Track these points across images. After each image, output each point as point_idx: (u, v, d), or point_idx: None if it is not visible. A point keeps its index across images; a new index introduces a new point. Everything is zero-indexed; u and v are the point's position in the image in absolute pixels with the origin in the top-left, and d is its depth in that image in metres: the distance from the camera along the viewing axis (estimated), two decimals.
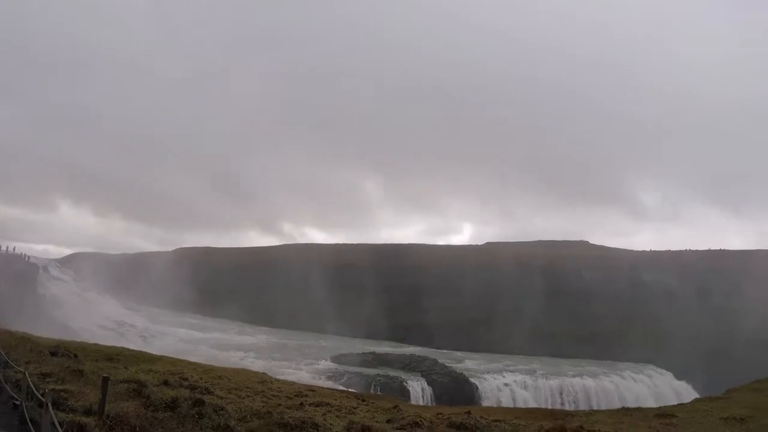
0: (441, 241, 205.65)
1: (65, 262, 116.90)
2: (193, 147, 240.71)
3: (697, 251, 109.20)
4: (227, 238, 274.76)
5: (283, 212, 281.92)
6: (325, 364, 62.86)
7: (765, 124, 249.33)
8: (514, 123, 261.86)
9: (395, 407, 23.00)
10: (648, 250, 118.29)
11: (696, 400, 34.32)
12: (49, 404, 9.98)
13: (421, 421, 17.57)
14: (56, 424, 9.81)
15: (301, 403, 20.46)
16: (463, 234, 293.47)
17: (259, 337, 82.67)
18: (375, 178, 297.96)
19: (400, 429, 16.45)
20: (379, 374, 58.75)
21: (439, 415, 19.87)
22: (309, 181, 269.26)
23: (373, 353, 69.85)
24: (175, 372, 23.82)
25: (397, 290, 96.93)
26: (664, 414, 25.15)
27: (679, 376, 74.66)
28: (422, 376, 60.13)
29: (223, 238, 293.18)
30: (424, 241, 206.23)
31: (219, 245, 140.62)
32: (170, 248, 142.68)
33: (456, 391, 58.02)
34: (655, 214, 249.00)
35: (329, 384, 48.40)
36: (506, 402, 57.70)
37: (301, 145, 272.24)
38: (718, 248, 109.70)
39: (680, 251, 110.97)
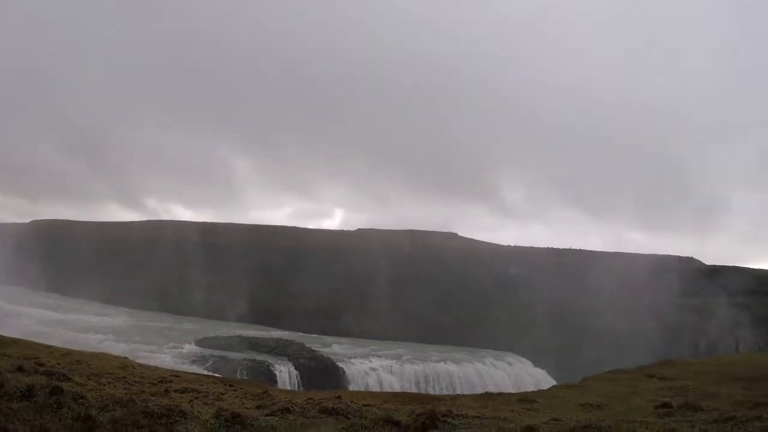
0: (312, 225, 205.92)
1: None
2: (51, 111, 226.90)
3: (558, 249, 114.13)
4: (86, 211, 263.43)
5: (147, 186, 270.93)
6: (190, 348, 61.62)
7: (630, 132, 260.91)
8: (389, 112, 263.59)
9: (264, 392, 22.75)
10: (512, 245, 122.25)
11: (554, 387, 35.73)
12: None
13: (292, 406, 17.36)
14: None
15: (166, 390, 19.89)
16: (335, 219, 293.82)
17: (120, 318, 79.83)
18: (246, 156, 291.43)
19: (271, 415, 16.20)
20: (245, 358, 58.12)
21: (310, 400, 19.73)
22: (176, 156, 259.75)
23: (240, 337, 69.13)
24: (31, 356, 22.74)
25: (266, 273, 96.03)
26: (525, 399, 26.06)
27: (536, 364, 77.97)
28: (289, 360, 59.96)
29: (81, 210, 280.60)
30: (295, 224, 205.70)
31: (78, 218, 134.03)
32: (25, 220, 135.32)
33: (323, 375, 58.22)
34: (519, 212, 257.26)
35: (194, 369, 47.55)
36: (373, 386, 58.35)
37: (169, 117, 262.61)
38: (578, 248, 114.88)
39: (543, 248, 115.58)
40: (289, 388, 51.38)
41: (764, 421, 12.47)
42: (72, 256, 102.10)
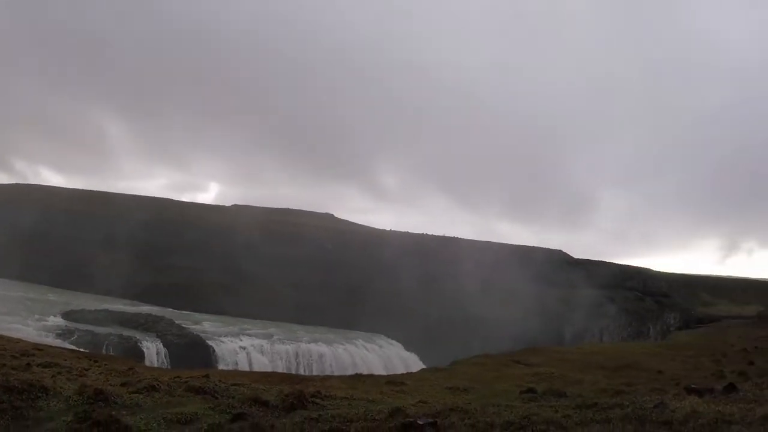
0: (186, 198, 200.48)
1: None
2: None
3: (432, 235, 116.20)
4: None
5: (14, 147, 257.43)
6: (55, 321, 59.43)
7: (504, 128, 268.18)
8: (269, 89, 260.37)
9: (130, 369, 22.35)
10: (388, 229, 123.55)
11: (423, 370, 36.62)
12: None
13: (158, 384, 17.12)
14: None
15: (28, 364, 19.28)
16: (210, 193, 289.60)
17: None
18: (120, 123, 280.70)
19: (137, 392, 15.95)
20: (112, 333, 56.46)
21: (177, 378, 19.53)
22: (45, 116, 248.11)
23: (108, 311, 67.13)
24: None
25: (137, 245, 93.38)
26: (394, 381, 26.58)
27: (407, 348, 79.44)
28: (158, 337, 58.72)
29: None
30: (169, 196, 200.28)
31: None
32: None
33: (193, 353, 57.31)
34: (394, 197, 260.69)
35: (58, 342, 45.90)
36: (243, 366, 57.93)
37: (39, 76, 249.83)
38: (451, 235, 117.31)
39: (417, 234, 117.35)
40: (156, 365, 50.36)
41: (625, 408, 13.06)
42: None
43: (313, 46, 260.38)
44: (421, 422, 12.00)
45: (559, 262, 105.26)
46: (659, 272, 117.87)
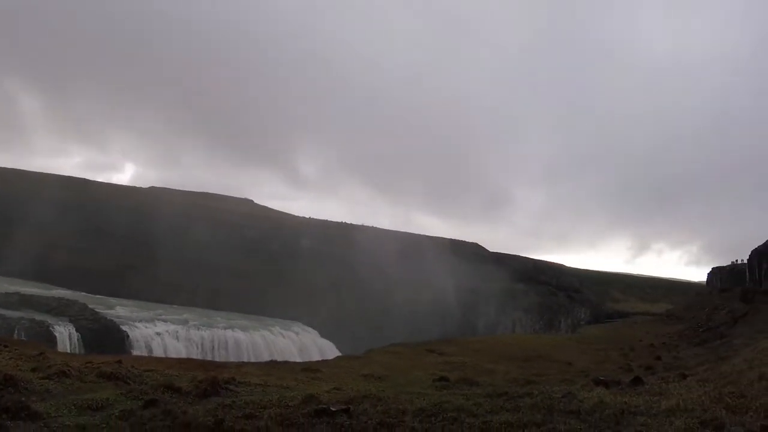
0: (102, 178, 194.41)
1: None
2: None
3: (350, 224, 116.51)
4: None
5: None
6: None
7: (426, 122, 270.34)
8: (188, 69, 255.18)
9: (41, 354, 21.96)
10: (306, 216, 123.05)
11: (339, 358, 36.87)
12: None
13: (69, 369, 16.96)
14: None
15: None
16: (126, 174, 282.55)
17: None
18: (33, 96, 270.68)
19: (47, 378, 15.77)
20: (23, 317, 54.98)
21: (89, 364, 19.33)
22: None
23: (18, 294, 65.28)
24: None
25: (50, 227, 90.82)
26: (309, 368, 26.78)
27: (323, 335, 79.67)
28: (70, 321, 57.44)
29: None
30: (84, 175, 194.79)
31: None
32: None
33: (106, 338, 56.35)
34: (313, 185, 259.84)
35: None
36: (158, 352, 57.23)
37: None
38: (370, 225, 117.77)
39: (335, 222, 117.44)
40: (69, 350, 49.32)
41: (534, 397, 13.49)
42: None
43: (236, 31, 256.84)
44: (334, 408, 12.22)
45: (474, 255, 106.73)
46: (572, 268, 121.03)
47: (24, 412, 11.85)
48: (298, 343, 73.27)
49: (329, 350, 71.37)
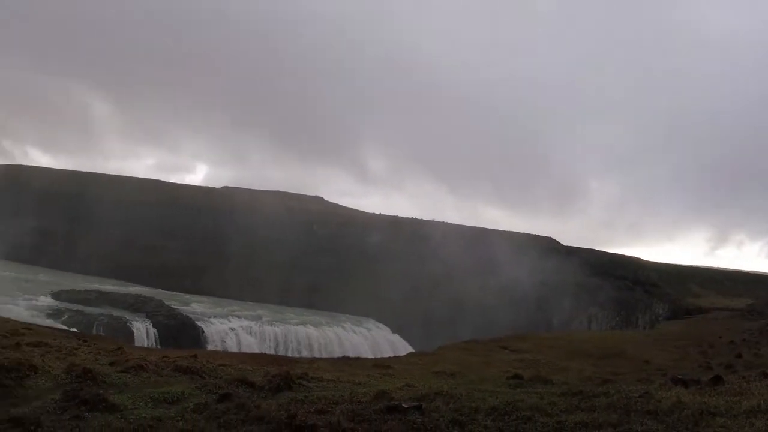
0: (175, 179, 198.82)
1: None
2: None
3: (422, 220, 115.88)
4: None
5: (0, 127, 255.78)
6: (45, 301, 59.56)
7: (492, 112, 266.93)
8: (256, 69, 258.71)
9: (119, 349, 22.38)
10: (378, 213, 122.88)
11: (410, 354, 36.71)
12: None
13: (146, 363, 17.22)
14: None
15: (17, 343, 19.31)
16: (198, 174, 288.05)
17: None
18: (107, 102, 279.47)
19: (124, 372, 16.05)
20: (102, 314, 56.65)
21: (165, 358, 19.60)
22: (33, 96, 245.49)
23: (98, 291, 67.20)
24: None
25: (127, 227, 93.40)
26: (381, 365, 26.69)
27: (395, 332, 79.63)
28: (147, 317, 58.90)
29: None
30: (158, 176, 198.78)
31: None
32: None
33: (182, 334, 57.57)
34: (381, 181, 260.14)
35: (49, 322, 45.89)
36: (232, 347, 58.19)
37: (24, 55, 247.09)
38: (440, 220, 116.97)
39: (406, 218, 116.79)
40: (146, 345, 50.51)
41: (610, 396, 13.10)
42: None
43: (301, 31, 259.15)
44: (406, 405, 12.10)
45: (548, 248, 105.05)
46: (649, 262, 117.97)
47: (102, 405, 12.09)
48: (370, 339, 73.47)
49: (401, 346, 71.40)
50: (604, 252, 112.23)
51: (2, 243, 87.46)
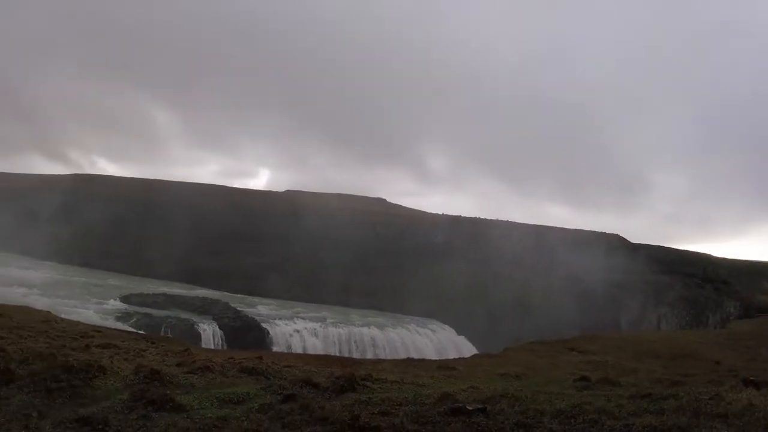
0: (238, 184, 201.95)
1: None
2: None
3: (485, 219, 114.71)
4: (9, 163, 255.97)
5: (70, 139, 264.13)
6: (114, 304, 60.81)
7: (553, 106, 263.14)
8: (311, 72, 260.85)
9: (186, 350, 22.74)
10: (441, 213, 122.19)
11: (475, 356, 36.42)
12: None
13: (212, 364, 17.46)
14: None
15: (87, 345, 19.74)
16: (260, 179, 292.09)
17: (44, 272, 78.15)
18: (168, 111, 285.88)
19: (191, 373, 16.29)
20: (169, 316, 57.66)
21: (231, 359, 19.84)
22: (97, 107, 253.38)
23: (165, 294, 68.43)
24: None
25: (193, 231, 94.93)
26: (445, 366, 26.54)
27: (460, 333, 79.08)
28: (214, 319, 59.70)
29: (2, 161, 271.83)
30: (221, 182, 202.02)
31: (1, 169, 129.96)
32: None
33: (247, 335, 58.22)
34: (442, 180, 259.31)
35: (118, 325, 46.84)
36: (296, 348, 58.61)
37: (88, 66, 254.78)
38: (504, 219, 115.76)
39: (469, 217, 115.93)
40: (213, 347, 51.20)
41: (680, 399, 12.79)
42: None
43: (358, 32, 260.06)
44: (470, 407, 11.99)
45: (615, 246, 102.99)
46: (719, 258, 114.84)
47: (168, 405, 12.31)
48: (435, 340, 73.17)
49: (465, 348, 70.91)
50: (673, 248, 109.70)
51: (74, 250, 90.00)
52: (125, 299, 63.59)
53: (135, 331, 41.34)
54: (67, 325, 26.38)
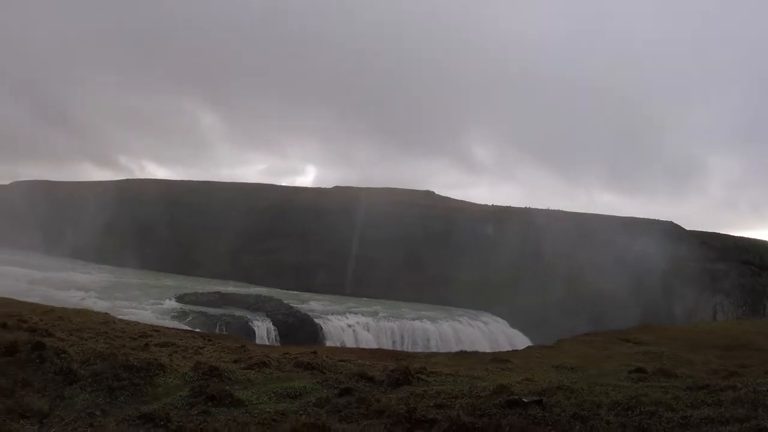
0: (285, 182, 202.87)
1: None
2: (20, 77, 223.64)
3: (535, 209, 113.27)
4: (62, 171, 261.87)
5: (118, 145, 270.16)
6: (170, 304, 61.88)
7: (602, 90, 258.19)
8: (353, 67, 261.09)
9: (242, 347, 23.03)
10: (489, 204, 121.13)
11: (529, 348, 36.14)
12: None
13: (268, 360, 17.73)
14: None
15: (146, 344, 20.13)
16: (308, 176, 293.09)
17: (101, 275, 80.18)
18: (214, 113, 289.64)
19: (248, 368, 16.57)
20: (224, 314, 58.46)
21: (286, 355, 20.07)
22: (143, 113, 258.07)
23: (219, 293, 69.32)
24: (14, 314, 22.84)
25: (244, 231, 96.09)
26: (499, 359, 26.40)
27: (513, 325, 78.49)
28: (267, 316, 60.31)
29: (56, 171, 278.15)
30: (269, 181, 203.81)
31: (55, 179, 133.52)
32: (5, 182, 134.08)
33: (301, 331, 58.65)
34: (489, 170, 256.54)
35: (174, 324, 47.54)
36: (349, 343, 58.86)
37: (132, 74, 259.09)
38: (554, 208, 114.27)
39: (519, 208, 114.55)
40: (267, 343, 51.77)
41: (738, 390, 12.64)
42: (52, 215, 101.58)
43: (398, 24, 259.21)
44: (526, 400, 12.00)
45: (669, 233, 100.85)
46: None
47: (228, 400, 12.60)
48: (487, 333, 72.80)
49: (518, 340, 70.39)
50: (728, 235, 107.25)
51: (130, 253, 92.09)
52: (180, 299, 64.63)
53: (191, 329, 42.00)
54: (125, 325, 26.89)
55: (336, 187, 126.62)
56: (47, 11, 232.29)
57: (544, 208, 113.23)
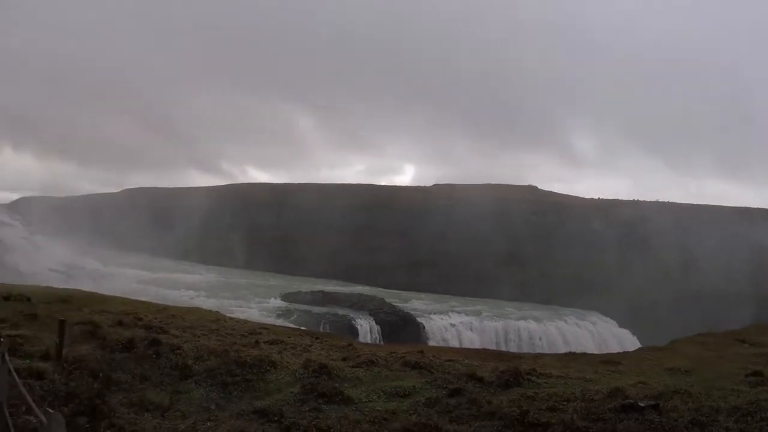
0: (384, 182, 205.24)
1: (12, 207, 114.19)
2: (121, 86, 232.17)
3: (644, 202, 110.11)
4: (168, 178, 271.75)
5: (221, 152, 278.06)
6: (275, 303, 63.35)
7: (694, 85, 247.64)
8: (447, 67, 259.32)
9: (349, 345, 23.18)
10: (595, 198, 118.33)
11: (640, 349, 35.16)
12: (5, 352, 9.56)
13: (376, 359, 17.83)
14: (13, 371, 9.45)
15: (256, 341, 20.49)
16: (405, 175, 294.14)
17: (208, 276, 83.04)
18: (311, 116, 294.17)
19: (356, 366, 16.69)
20: (328, 313, 59.33)
21: (393, 354, 20.09)
22: (243, 119, 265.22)
23: (322, 292, 70.35)
24: (129, 312, 23.66)
25: (345, 230, 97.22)
26: (609, 361, 25.74)
27: (622, 325, 76.21)
28: (370, 314, 60.84)
29: (161, 177, 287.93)
30: (368, 181, 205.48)
31: (162, 185, 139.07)
32: (115, 190, 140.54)
33: (403, 330, 58.86)
34: (592, 162, 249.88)
35: (280, 322, 48.54)
36: (452, 342, 58.69)
37: (232, 81, 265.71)
38: (664, 200, 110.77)
39: (626, 200, 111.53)
40: (369, 341, 52.04)
41: None
42: (162, 220, 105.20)
43: (495, 17, 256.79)
44: (642, 404, 11.70)
45: None
46: None
47: (338, 397, 12.82)
48: (595, 333, 71.12)
49: (628, 341, 68.48)
50: None
51: (239, 254, 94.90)
52: (285, 298, 66.03)
53: (297, 327, 42.69)
54: (235, 323, 27.43)
55: (436, 185, 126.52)
56: (153, 25, 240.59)
57: (652, 200, 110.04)
